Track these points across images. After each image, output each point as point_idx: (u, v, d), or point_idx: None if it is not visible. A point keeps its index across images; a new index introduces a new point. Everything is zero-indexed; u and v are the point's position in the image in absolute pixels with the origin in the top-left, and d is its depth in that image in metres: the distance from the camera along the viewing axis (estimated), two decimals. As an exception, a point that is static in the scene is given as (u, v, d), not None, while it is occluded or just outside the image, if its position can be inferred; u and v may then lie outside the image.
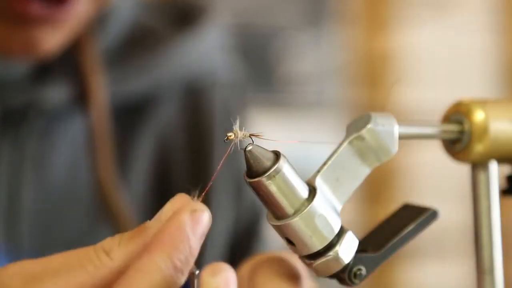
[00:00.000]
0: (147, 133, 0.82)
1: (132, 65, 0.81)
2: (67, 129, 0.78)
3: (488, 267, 0.49)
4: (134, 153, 0.81)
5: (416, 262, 2.09)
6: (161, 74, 0.82)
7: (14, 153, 0.76)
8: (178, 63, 0.83)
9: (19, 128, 0.76)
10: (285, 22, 2.05)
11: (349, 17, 2.10)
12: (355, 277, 0.46)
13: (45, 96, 0.76)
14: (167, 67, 0.82)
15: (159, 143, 0.83)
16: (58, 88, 0.77)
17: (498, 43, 2.25)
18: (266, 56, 2.02)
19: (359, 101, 2.10)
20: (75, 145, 0.79)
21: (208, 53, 0.85)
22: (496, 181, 0.50)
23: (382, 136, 0.46)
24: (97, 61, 0.79)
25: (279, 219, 0.45)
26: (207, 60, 0.85)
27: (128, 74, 0.80)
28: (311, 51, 2.07)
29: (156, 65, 0.81)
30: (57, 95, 0.77)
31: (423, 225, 0.48)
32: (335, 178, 0.45)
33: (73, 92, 0.78)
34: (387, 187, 2.09)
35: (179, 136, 0.84)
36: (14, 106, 0.76)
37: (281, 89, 2.05)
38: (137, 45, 0.82)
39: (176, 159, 0.83)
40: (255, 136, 0.45)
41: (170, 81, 0.83)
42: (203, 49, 0.84)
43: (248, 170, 0.44)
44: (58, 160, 0.78)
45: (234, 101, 0.87)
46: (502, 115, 0.49)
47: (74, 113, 0.79)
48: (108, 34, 0.81)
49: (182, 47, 0.83)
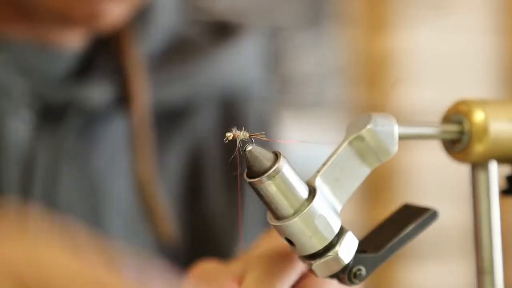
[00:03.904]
0: (181, 141, 0.83)
1: (171, 73, 0.82)
2: (107, 130, 0.79)
3: (488, 267, 0.49)
4: (168, 159, 0.82)
5: (416, 262, 2.09)
6: (198, 83, 0.83)
7: (51, 151, 0.76)
8: (215, 74, 0.84)
9: (57, 126, 0.77)
10: (285, 23, 2.05)
11: (349, 18, 2.10)
12: (355, 277, 0.46)
13: (87, 95, 0.77)
14: (204, 77, 0.83)
15: (193, 152, 0.84)
16: (100, 88, 0.78)
17: (498, 43, 2.25)
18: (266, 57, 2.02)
19: (359, 101, 2.10)
20: (114, 146, 0.79)
21: (244, 66, 0.87)
22: (496, 181, 0.50)
23: (382, 136, 0.46)
24: (141, 64, 0.80)
25: (279, 219, 0.45)
26: (243, 73, 0.87)
27: (166, 81, 0.81)
28: (311, 51, 2.07)
29: (194, 74, 0.83)
30: (98, 95, 0.78)
31: (423, 225, 0.48)
32: (335, 179, 0.45)
33: (115, 93, 0.79)
34: (387, 187, 2.09)
35: (213, 145, 0.84)
36: (55, 104, 0.77)
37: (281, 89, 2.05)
38: (176, 53, 0.83)
39: (208, 168, 0.84)
40: (255, 136, 0.45)
41: (206, 91, 0.84)
42: (239, 62, 0.86)
43: (248, 170, 0.44)
44: (96, 160, 0.78)
45: (267, 115, 0.89)
46: (502, 115, 0.49)
47: (114, 114, 0.79)
48: (150, 40, 0.82)
49: (220, 59, 0.84)
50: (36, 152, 0.76)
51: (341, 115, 2.05)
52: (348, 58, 2.11)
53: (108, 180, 0.79)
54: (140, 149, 0.80)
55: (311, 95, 2.08)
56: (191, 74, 0.83)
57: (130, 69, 0.80)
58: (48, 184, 0.76)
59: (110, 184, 0.79)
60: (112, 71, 0.80)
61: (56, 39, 0.79)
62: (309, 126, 2.05)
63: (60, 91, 0.77)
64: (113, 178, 0.79)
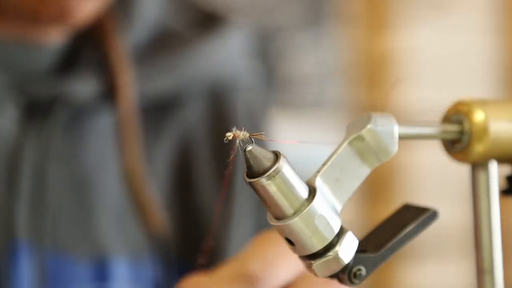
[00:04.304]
0: (170, 133, 0.83)
1: (156, 65, 0.81)
2: (94, 123, 0.79)
3: (488, 267, 0.49)
4: (156, 152, 0.82)
5: (416, 262, 2.09)
6: (184, 75, 0.83)
7: (38, 146, 0.76)
8: (202, 65, 0.83)
9: (44, 121, 0.76)
10: (285, 23, 2.05)
11: (349, 18, 2.10)
12: (355, 277, 0.46)
13: (72, 89, 0.76)
14: (190, 69, 0.83)
15: (181, 144, 0.83)
16: (85, 82, 0.77)
17: (498, 43, 2.25)
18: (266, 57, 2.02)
19: (359, 101, 2.10)
20: (102, 140, 0.79)
21: (231, 56, 0.86)
22: (496, 181, 0.50)
23: (382, 136, 0.46)
24: (126, 57, 0.80)
25: (279, 220, 0.45)
26: (230, 63, 0.86)
27: (151, 74, 0.81)
28: (311, 51, 2.07)
29: (180, 66, 0.82)
30: (84, 89, 0.77)
31: (423, 225, 0.48)
32: (335, 179, 0.45)
33: (101, 86, 0.79)
34: (387, 187, 2.10)
35: (201, 137, 0.84)
36: (40, 99, 0.76)
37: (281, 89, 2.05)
38: (161, 45, 0.83)
39: (197, 160, 0.84)
40: (255, 137, 0.45)
41: (193, 82, 0.83)
42: (226, 52, 0.85)
43: (248, 170, 0.44)
44: (84, 155, 0.78)
45: (256, 105, 0.88)
46: (502, 115, 0.49)
47: (101, 108, 0.79)
48: (134, 31, 0.82)
49: (206, 50, 0.84)
50: (23, 148, 0.75)
51: (341, 115, 2.05)
52: (348, 58, 2.11)
53: (96, 174, 0.78)
54: (128, 142, 0.79)
55: (311, 95, 2.08)
56: (177, 65, 0.82)
57: (115, 61, 0.79)
58: (36, 180, 0.75)
59: (99, 178, 0.78)
60: (97, 64, 0.79)
61: (35, 35, 0.78)
62: (309, 126, 2.05)
63: (45, 86, 0.76)
64: (102, 172, 0.79)
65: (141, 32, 0.83)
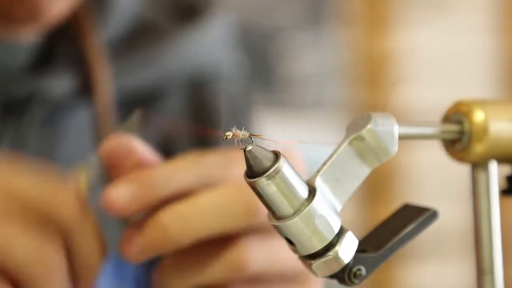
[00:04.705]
0: (151, 127, 0.82)
1: (135, 58, 0.81)
2: (71, 119, 0.78)
3: (488, 267, 0.49)
4: None
5: (416, 262, 2.09)
6: (164, 67, 0.82)
7: (15, 144, 0.76)
8: (182, 56, 0.83)
9: (20, 119, 0.76)
10: (285, 23, 2.06)
11: (349, 18, 2.10)
12: (355, 277, 0.46)
13: (48, 86, 0.76)
14: (170, 61, 0.82)
15: (163, 137, 0.83)
16: (61, 78, 0.77)
17: (498, 43, 2.25)
18: (266, 56, 2.02)
19: (359, 101, 2.10)
20: (79, 136, 0.79)
21: (212, 47, 0.85)
22: (496, 181, 0.50)
23: (382, 136, 0.46)
24: (102, 52, 0.79)
25: (278, 219, 0.45)
26: (211, 54, 0.85)
27: (131, 67, 0.80)
28: (311, 51, 2.07)
29: (160, 58, 0.81)
30: (60, 85, 0.77)
31: (423, 225, 0.48)
32: (335, 178, 0.45)
33: (77, 83, 0.78)
34: (387, 187, 2.10)
35: (183, 129, 0.84)
36: (16, 96, 0.76)
37: (281, 89, 2.05)
38: (139, 37, 0.82)
39: (180, 153, 0.84)
40: (255, 137, 0.45)
41: (174, 74, 0.83)
42: (207, 42, 0.84)
43: (248, 170, 0.44)
44: (62, 151, 0.78)
45: (239, 96, 0.88)
46: (502, 115, 0.49)
47: (78, 104, 0.79)
48: (110, 26, 0.81)
49: (186, 41, 0.83)
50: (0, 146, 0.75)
51: (341, 115, 2.05)
52: (348, 58, 2.11)
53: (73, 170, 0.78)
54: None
55: (311, 95, 2.08)
56: (156, 58, 0.81)
57: (91, 56, 0.79)
58: None
59: None
60: (73, 60, 0.79)
61: (8, 33, 0.77)
62: (309, 126, 2.05)
63: (20, 84, 0.76)
64: None
65: (118, 25, 0.82)
